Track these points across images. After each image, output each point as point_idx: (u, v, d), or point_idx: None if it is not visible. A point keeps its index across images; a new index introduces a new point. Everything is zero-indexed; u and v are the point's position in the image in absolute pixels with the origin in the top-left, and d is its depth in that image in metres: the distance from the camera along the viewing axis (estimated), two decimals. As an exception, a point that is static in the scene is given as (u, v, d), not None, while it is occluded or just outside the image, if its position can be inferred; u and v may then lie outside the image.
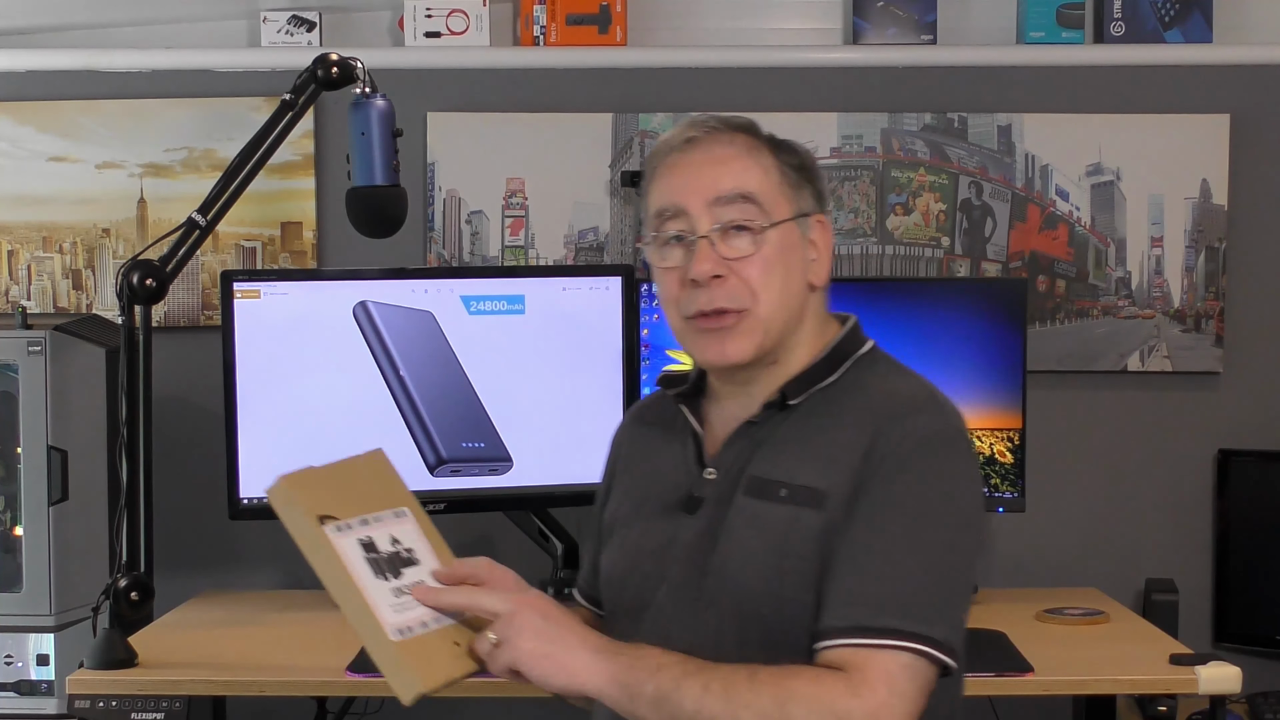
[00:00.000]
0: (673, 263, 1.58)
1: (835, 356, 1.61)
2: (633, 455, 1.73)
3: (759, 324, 1.56)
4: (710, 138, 1.59)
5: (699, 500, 1.59)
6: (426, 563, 1.48)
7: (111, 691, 2.09)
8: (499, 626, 1.42)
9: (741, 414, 1.61)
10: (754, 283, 1.55)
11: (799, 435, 1.56)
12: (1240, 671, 2.10)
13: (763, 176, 1.58)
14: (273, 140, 2.36)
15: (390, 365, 2.52)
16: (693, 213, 1.56)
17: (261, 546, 2.88)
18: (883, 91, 2.86)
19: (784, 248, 1.57)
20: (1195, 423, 2.87)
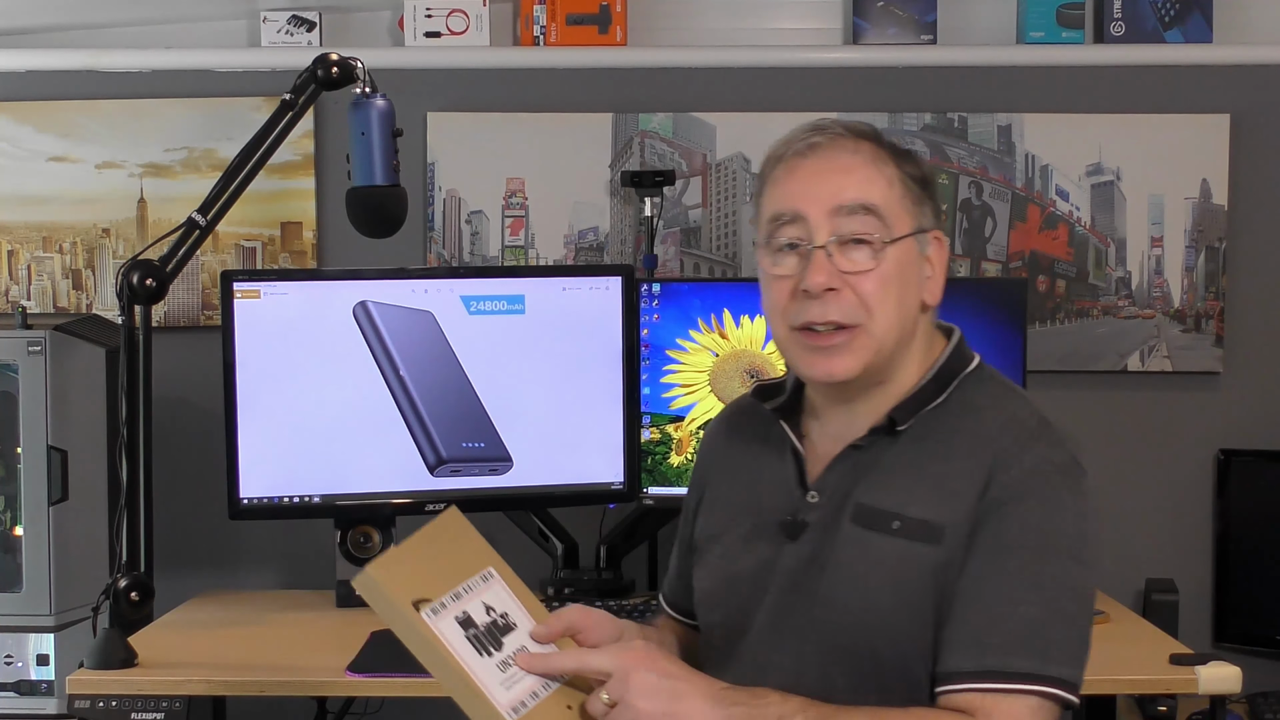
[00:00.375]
0: (785, 271, 1.52)
1: (943, 376, 1.55)
2: (726, 467, 1.67)
3: (871, 342, 1.50)
4: (834, 144, 1.52)
5: (802, 525, 1.53)
6: (523, 624, 1.44)
7: (111, 691, 2.09)
8: (613, 687, 1.37)
9: (844, 433, 1.55)
10: (869, 299, 1.49)
11: (909, 462, 1.51)
12: (1240, 671, 2.10)
13: (886, 189, 1.51)
14: (273, 140, 2.36)
15: (390, 365, 2.52)
16: (811, 221, 1.50)
17: (261, 546, 2.88)
18: (883, 91, 2.86)
19: (902, 264, 1.51)
20: (1195, 423, 2.88)
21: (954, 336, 1.60)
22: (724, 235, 2.89)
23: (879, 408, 1.54)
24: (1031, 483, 1.45)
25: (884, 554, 1.47)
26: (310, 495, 2.53)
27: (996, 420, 1.51)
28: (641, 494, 2.62)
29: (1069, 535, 1.45)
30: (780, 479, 1.59)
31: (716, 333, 2.60)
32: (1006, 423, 1.51)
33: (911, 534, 1.46)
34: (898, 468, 1.51)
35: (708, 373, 2.60)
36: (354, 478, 2.53)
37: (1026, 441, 1.48)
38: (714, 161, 2.88)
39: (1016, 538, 1.43)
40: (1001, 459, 1.47)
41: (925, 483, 1.49)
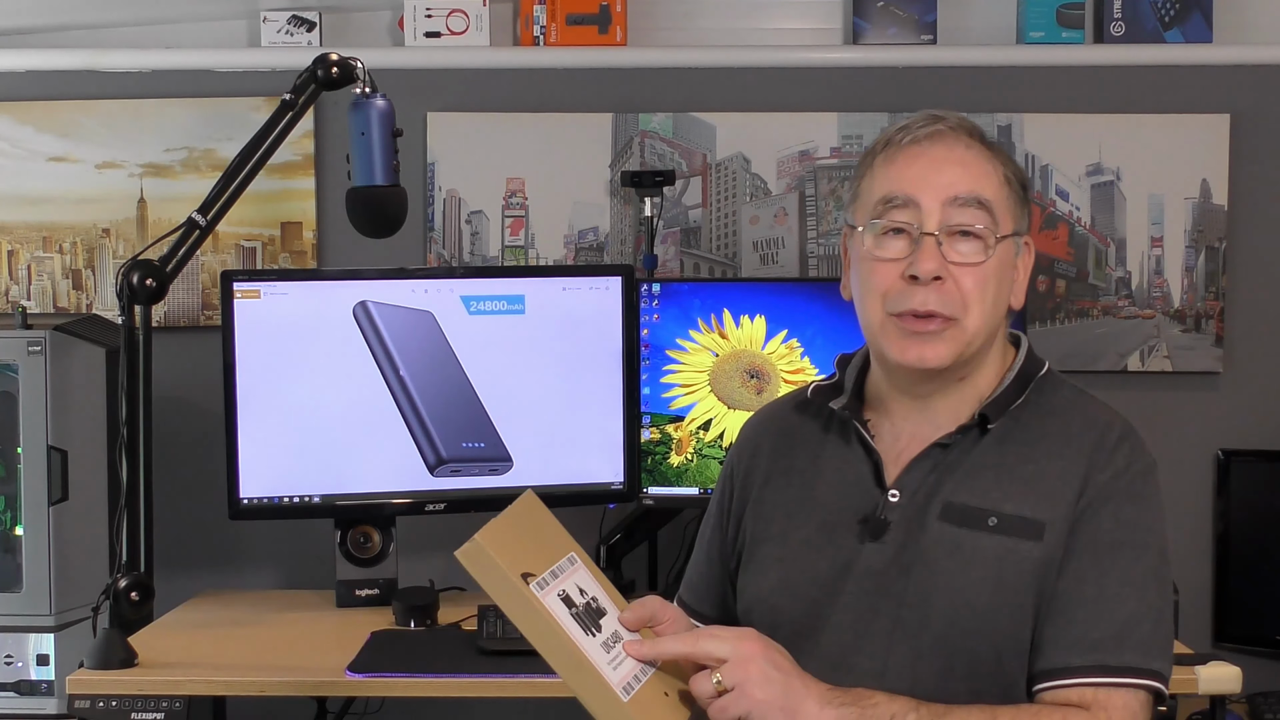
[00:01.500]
0: (891, 254, 1.51)
1: (1023, 378, 1.56)
2: (775, 468, 1.65)
3: (964, 335, 1.50)
4: (954, 135, 1.53)
5: (885, 524, 1.52)
6: (610, 609, 1.43)
7: (111, 691, 2.09)
8: (728, 672, 1.36)
9: (921, 432, 1.55)
10: (969, 293, 1.49)
11: (997, 462, 1.51)
12: (1240, 671, 2.10)
13: (999, 186, 1.52)
14: (273, 140, 2.36)
15: (390, 365, 2.52)
16: (925, 207, 1.49)
17: (261, 546, 2.88)
18: (883, 91, 2.86)
19: (1002, 263, 1.52)
20: (1195, 423, 2.87)
21: (1024, 343, 1.62)
22: (724, 235, 2.89)
23: (958, 406, 1.55)
24: (1124, 482, 1.49)
25: (981, 551, 1.48)
26: (310, 495, 2.53)
27: (1081, 422, 1.53)
28: (641, 494, 2.62)
29: (1157, 532, 1.49)
30: (851, 478, 1.57)
31: (716, 333, 2.60)
32: (1092, 424, 1.53)
33: (1011, 530, 1.48)
34: (985, 467, 1.52)
35: (707, 373, 2.60)
36: (354, 478, 2.53)
37: (1117, 443, 1.51)
38: (714, 161, 2.88)
39: (1115, 536, 1.47)
40: (1095, 460, 1.49)
41: (1018, 481, 1.50)
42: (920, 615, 1.48)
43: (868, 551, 1.52)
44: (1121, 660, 1.43)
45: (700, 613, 1.73)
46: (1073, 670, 1.44)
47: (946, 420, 1.55)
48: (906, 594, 1.49)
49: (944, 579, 1.48)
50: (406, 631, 2.38)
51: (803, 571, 1.56)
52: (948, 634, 1.47)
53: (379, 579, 2.58)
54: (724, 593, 1.70)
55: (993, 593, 1.46)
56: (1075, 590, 1.46)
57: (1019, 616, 1.46)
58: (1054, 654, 1.45)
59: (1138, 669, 1.44)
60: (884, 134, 1.58)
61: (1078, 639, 1.44)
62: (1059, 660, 1.45)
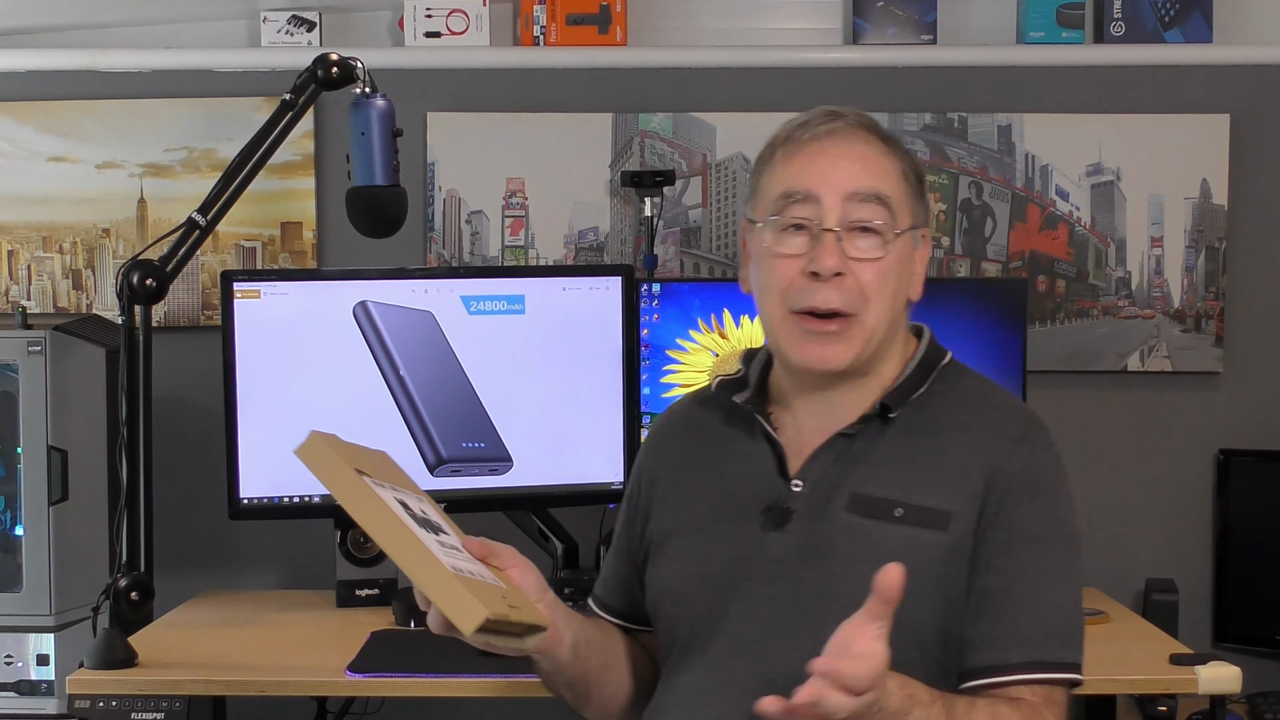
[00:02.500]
0: (791, 250, 1.52)
1: (924, 367, 1.58)
2: (681, 463, 1.67)
3: (863, 333, 1.52)
4: (852, 130, 1.54)
5: (788, 513, 1.54)
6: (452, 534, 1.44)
7: (111, 691, 2.09)
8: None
9: (823, 424, 1.57)
10: (869, 287, 1.51)
11: (902, 453, 1.53)
12: (1240, 671, 2.10)
13: (897, 181, 1.54)
14: (273, 140, 2.36)
15: (390, 365, 2.52)
16: (825, 203, 1.51)
17: (261, 546, 2.88)
18: (883, 91, 2.86)
19: (901, 257, 1.54)
20: (1195, 423, 2.87)
21: (926, 333, 1.64)
22: (724, 235, 2.89)
23: (861, 398, 1.57)
24: (1038, 476, 1.51)
25: (886, 540, 1.49)
26: (310, 495, 2.53)
27: (985, 411, 1.56)
28: (641, 494, 2.62)
29: (1070, 522, 1.52)
30: (755, 470, 1.59)
31: (716, 333, 2.60)
32: (995, 412, 1.56)
33: (916, 520, 1.49)
34: (891, 458, 1.54)
35: (708, 373, 2.60)
36: (354, 478, 2.53)
37: (1025, 433, 1.53)
38: (714, 161, 2.88)
39: (1037, 530, 1.49)
40: (1001, 449, 1.51)
41: (923, 472, 1.52)
42: (826, 603, 1.49)
43: (771, 540, 1.54)
44: (1054, 655, 1.47)
45: (610, 606, 1.76)
46: (1011, 667, 1.46)
47: (849, 411, 1.56)
48: (811, 582, 1.51)
49: (851, 568, 1.49)
50: (406, 631, 2.38)
51: (707, 561, 1.57)
52: None
53: (379, 579, 2.58)
54: (631, 587, 1.72)
55: None
56: (1005, 586, 1.48)
57: (923, 605, 1.47)
58: (990, 651, 1.47)
59: (1068, 664, 1.47)
60: (783, 129, 1.58)
61: (1012, 636, 1.46)
62: (996, 657, 1.46)
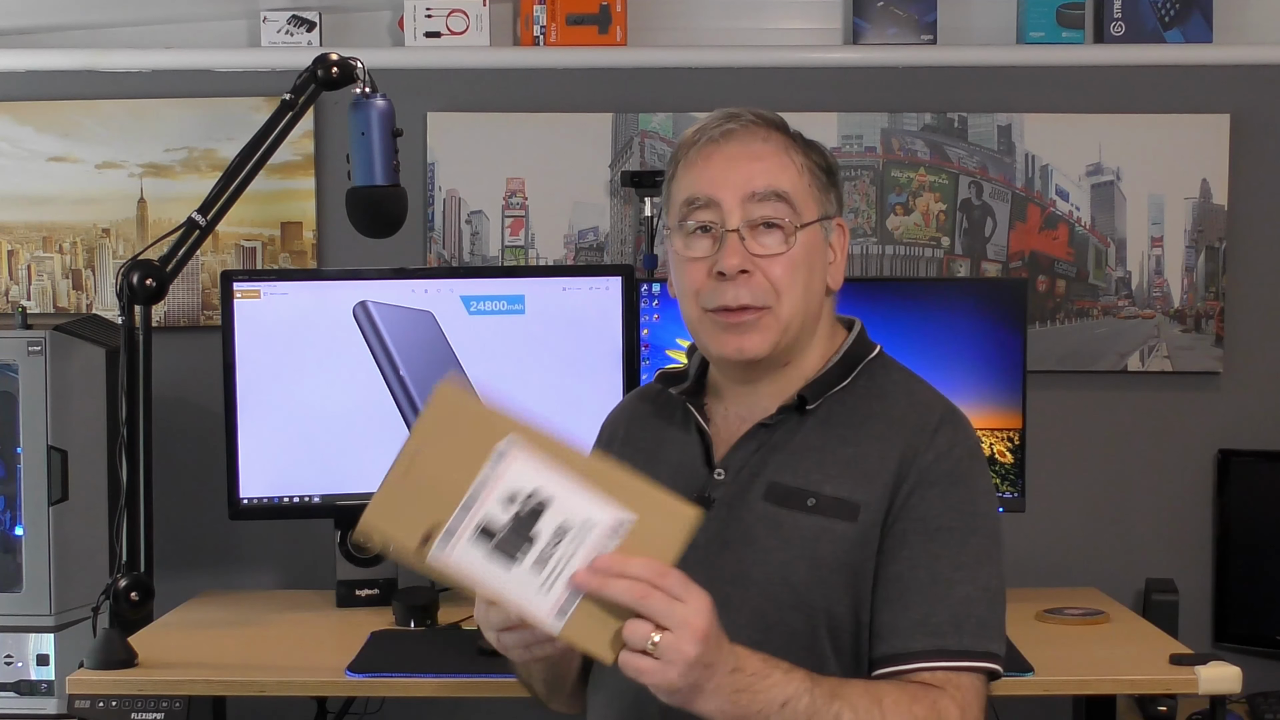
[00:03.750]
0: (698, 253, 1.57)
1: (848, 361, 1.61)
2: (624, 453, 1.67)
3: (779, 323, 1.55)
4: (747, 131, 1.58)
5: (709, 501, 1.56)
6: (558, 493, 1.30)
7: (111, 691, 2.09)
8: (666, 643, 1.29)
9: (749, 414, 1.60)
10: (778, 282, 1.55)
11: (820, 444, 1.56)
12: (1240, 671, 2.10)
13: (796, 176, 1.57)
14: (273, 140, 2.35)
15: (390, 365, 2.52)
16: (725, 206, 1.55)
17: (261, 546, 2.88)
18: (883, 91, 2.86)
19: (809, 249, 1.57)
20: (1195, 423, 2.87)
21: (856, 326, 1.67)
22: (724, 235, 2.89)
23: (784, 389, 1.59)
24: (948, 465, 1.53)
25: (798, 530, 1.52)
26: (310, 495, 2.53)
27: (904, 404, 1.58)
28: (641, 494, 2.62)
29: (985, 514, 1.54)
30: (685, 459, 1.63)
31: (716, 333, 2.60)
32: (914, 406, 1.58)
33: (827, 511, 1.52)
34: (808, 448, 1.56)
35: (708, 373, 2.60)
36: (354, 478, 2.53)
37: (938, 425, 1.55)
38: (714, 161, 2.87)
39: (943, 520, 1.51)
40: (914, 441, 1.53)
41: (838, 463, 1.55)
42: (740, 589, 1.51)
43: None
44: (960, 644, 1.48)
45: None
46: (914, 655, 1.48)
47: (771, 403, 1.59)
48: (727, 568, 1.52)
49: (762, 555, 1.52)
50: (406, 631, 2.38)
51: None
52: (764, 609, 1.50)
53: (379, 579, 2.58)
54: None
55: (809, 569, 1.50)
56: (909, 575, 1.50)
57: (833, 594, 1.50)
58: (894, 639, 1.49)
59: (975, 651, 1.48)
60: (684, 135, 1.63)
61: (916, 624, 1.48)
62: (899, 645, 1.48)
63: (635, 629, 1.30)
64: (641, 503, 1.32)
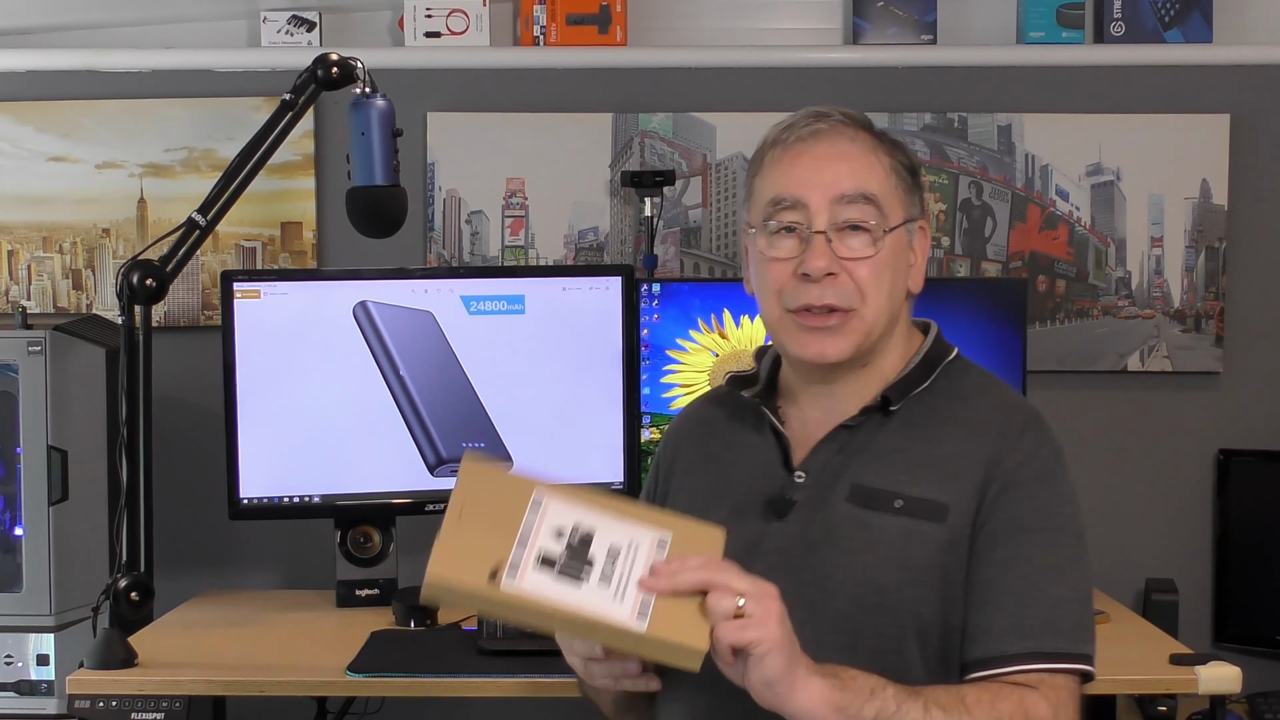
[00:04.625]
0: (784, 253, 1.55)
1: (928, 362, 1.60)
2: (696, 457, 1.69)
3: (863, 325, 1.54)
4: (836, 131, 1.56)
5: (789, 504, 1.55)
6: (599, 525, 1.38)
7: (111, 691, 2.09)
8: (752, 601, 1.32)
9: (826, 417, 1.59)
10: (864, 284, 1.53)
11: (903, 445, 1.55)
12: (1240, 671, 2.10)
13: (884, 178, 1.56)
14: (273, 140, 2.36)
15: (390, 365, 2.52)
16: (813, 207, 1.53)
17: (261, 546, 2.88)
18: (883, 91, 2.86)
19: (894, 252, 1.56)
20: (1195, 423, 2.87)
21: (933, 328, 1.66)
22: (724, 235, 2.89)
23: (861, 391, 1.58)
24: (1035, 467, 1.52)
25: (885, 532, 1.50)
26: (310, 495, 2.53)
27: (987, 406, 1.57)
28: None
29: (1073, 516, 1.52)
30: (761, 461, 1.61)
31: (716, 333, 2.60)
32: (998, 408, 1.57)
33: (915, 512, 1.50)
34: (892, 450, 1.55)
35: (708, 373, 2.60)
36: (354, 478, 2.53)
37: (1023, 427, 1.54)
38: (714, 161, 2.88)
39: (1033, 521, 1.50)
40: (1001, 445, 1.52)
41: (923, 465, 1.53)
42: (824, 593, 1.50)
43: (773, 530, 1.55)
44: (1055, 646, 1.47)
45: None
46: (1008, 658, 1.47)
47: (851, 404, 1.58)
48: (811, 571, 1.51)
49: (849, 558, 1.50)
50: (406, 631, 2.38)
51: None
52: (852, 612, 1.49)
53: (379, 579, 2.58)
54: None
55: (898, 572, 1.49)
56: (1001, 578, 1.48)
57: (922, 596, 1.49)
58: (988, 642, 1.48)
59: (1070, 653, 1.47)
60: (771, 132, 1.60)
61: (1010, 626, 1.47)
62: (994, 648, 1.47)
63: (719, 597, 1.32)
64: (673, 525, 1.40)
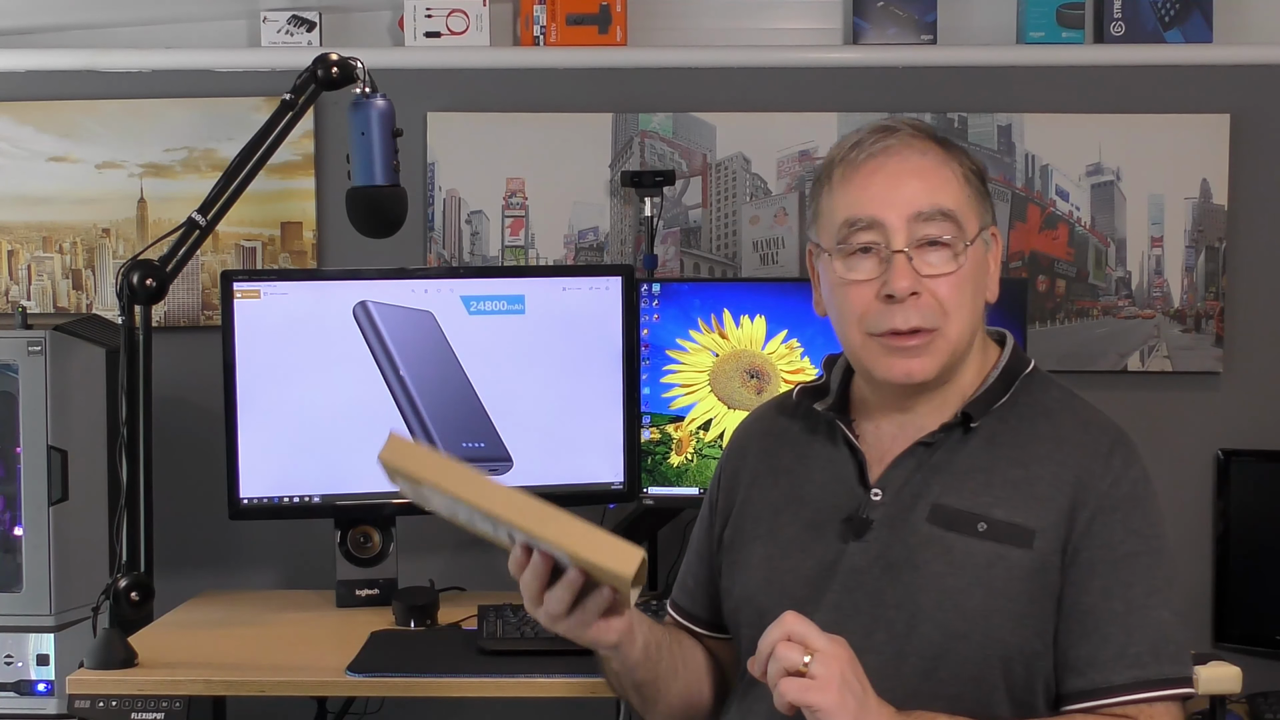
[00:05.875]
0: (863, 275, 1.50)
1: (1007, 376, 1.56)
2: (763, 469, 1.65)
3: (948, 344, 1.50)
4: (905, 145, 1.51)
5: (868, 523, 1.52)
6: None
7: (111, 691, 2.09)
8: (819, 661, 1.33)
9: (902, 432, 1.55)
10: (947, 301, 1.49)
11: (986, 464, 1.51)
12: (1240, 671, 2.09)
13: (959, 190, 1.51)
14: (273, 140, 2.36)
15: (390, 365, 2.52)
16: (891, 226, 1.48)
17: (261, 546, 2.88)
18: (883, 91, 2.86)
19: (975, 265, 1.52)
20: (1195, 423, 2.87)
21: (1009, 340, 1.61)
22: (724, 235, 2.89)
23: (941, 406, 1.54)
24: (1127, 489, 1.49)
25: (969, 556, 1.47)
26: (310, 495, 2.53)
27: (1072, 425, 1.53)
28: (641, 494, 2.62)
29: (1164, 536, 1.50)
30: (836, 477, 1.57)
31: (716, 333, 2.60)
32: (1084, 428, 1.53)
33: (1000, 537, 1.47)
34: (974, 469, 1.51)
35: (707, 373, 2.60)
36: (354, 478, 2.53)
37: (1111, 449, 1.51)
38: (714, 161, 2.88)
39: (1129, 545, 1.47)
40: (1090, 467, 1.49)
41: (1007, 485, 1.49)
42: (907, 616, 1.47)
43: (851, 550, 1.51)
44: (1160, 673, 1.44)
45: (693, 614, 1.72)
46: (1115, 689, 1.44)
47: (930, 420, 1.54)
48: (891, 594, 1.48)
49: (934, 581, 1.47)
50: (406, 631, 2.38)
51: (789, 570, 1.55)
52: (935, 636, 1.46)
53: (379, 579, 2.58)
54: (714, 593, 1.69)
55: (984, 598, 1.46)
56: (1103, 606, 1.45)
57: (1008, 624, 1.45)
58: (1093, 673, 1.45)
59: (1175, 679, 1.45)
60: (838, 150, 1.55)
61: (1116, 655, 1.44)
62: (1100, 679, 1.45)
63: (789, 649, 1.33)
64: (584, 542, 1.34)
